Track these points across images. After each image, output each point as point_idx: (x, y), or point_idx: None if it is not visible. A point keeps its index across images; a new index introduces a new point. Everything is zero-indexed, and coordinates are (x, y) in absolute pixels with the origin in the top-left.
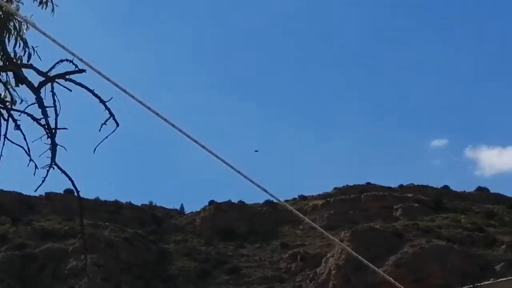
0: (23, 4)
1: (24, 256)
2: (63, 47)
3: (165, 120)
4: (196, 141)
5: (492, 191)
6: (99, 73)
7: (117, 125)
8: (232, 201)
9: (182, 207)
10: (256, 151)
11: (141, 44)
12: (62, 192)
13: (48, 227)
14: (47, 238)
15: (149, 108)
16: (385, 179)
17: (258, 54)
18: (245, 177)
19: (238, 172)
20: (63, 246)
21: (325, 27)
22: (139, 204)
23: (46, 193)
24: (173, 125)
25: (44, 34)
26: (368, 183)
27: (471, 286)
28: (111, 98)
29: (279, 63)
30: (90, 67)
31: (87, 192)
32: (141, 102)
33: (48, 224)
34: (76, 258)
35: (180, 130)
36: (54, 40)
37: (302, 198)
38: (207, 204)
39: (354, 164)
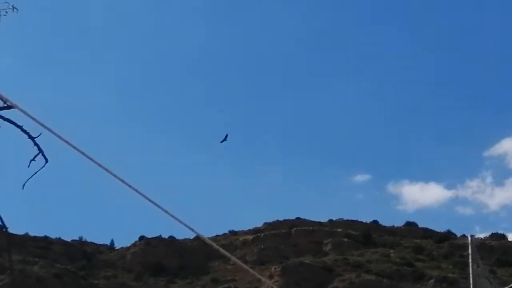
0: None
1: None
2: None
3: (91, 159)
4: (123, 181)
5: (419, 226)
6: (26, 113)
7: (46, 161)
8: (163, 236)
9: (112, 242)
10: (226, 138)
11: (66, 80)
12: None
13: None
14: None
15: (75, 148)
16: (315, 214)
17: (174, 87)
18: (172, 215)
19: (165, 211)
20: None
21: (243, 59)
22: (69, 240)
23: None
24: (99, 165)
25: None
26: (298, 218)
27: None
28: (40, 134)
29: (198, 95)
30: (13, 105)
31: (16, 227)
32: (67, 142)
33: None
34: None
35: (108, 171)
36: None
37: (233, 233)
38: (137, 239)
39: (284, 199)
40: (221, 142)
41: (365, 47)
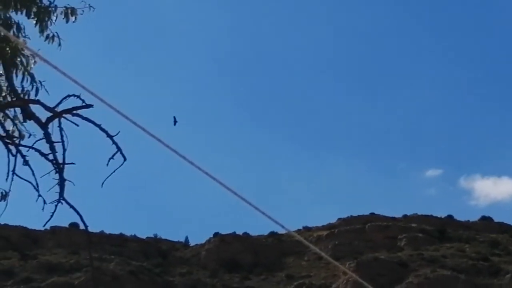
0: (30, 39)
1: None
2: (71, 78)
3: (174, 150)
4: (203, 170)
5: (495, 220)
6: (110, 105)
7: (125, 159)
8: (237, 233)
9: (186, 239)
10: (175, 121)
11: (148, 77)
12: (67, 226)
13: (53, 261)
14: (52, 272)
15: (157, 139)
16: (389, 209)
17: (266, 78)
18: (255, 207)
19: (250, 204)
20: (68, 280)
21: (307, 55)
22: (144, 237)
23: (51, 227)
24: (182, 156)
25: (54, 66)
26: (372, 214)
27: None
28: (118, 132)
29: (281, 88)
30: (100, 99)
31: (92, 225)
32: (149, 132)
33: (54, 258)
34: None
35: (190, 161)
36: (63, 73)
37: (307, 229)
38: (211, 236)
39: (357, 195)
40: (174, 125)
41: (437, 41)
